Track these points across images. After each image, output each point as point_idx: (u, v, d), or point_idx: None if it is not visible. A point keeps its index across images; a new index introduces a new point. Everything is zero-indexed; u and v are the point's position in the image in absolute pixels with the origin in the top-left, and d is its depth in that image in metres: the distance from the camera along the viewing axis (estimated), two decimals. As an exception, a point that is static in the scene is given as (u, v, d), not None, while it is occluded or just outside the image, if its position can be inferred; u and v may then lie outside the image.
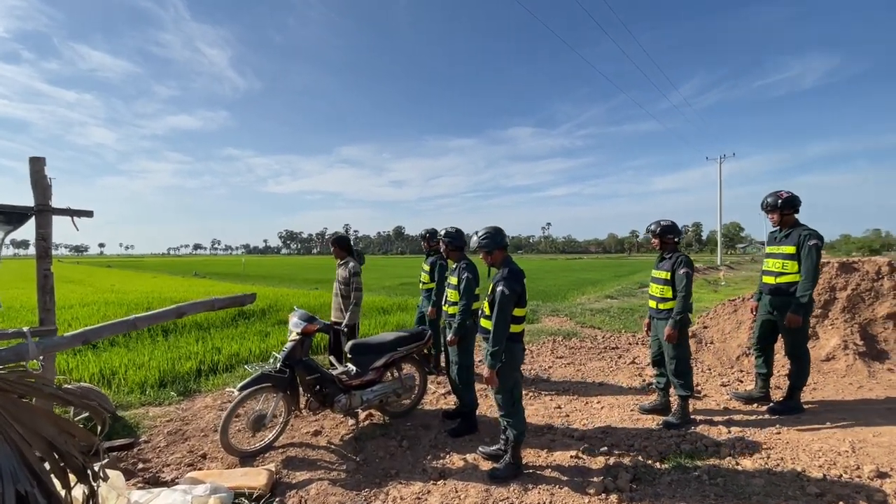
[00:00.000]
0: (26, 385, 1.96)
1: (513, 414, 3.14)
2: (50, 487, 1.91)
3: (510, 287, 3.00)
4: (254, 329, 7.83)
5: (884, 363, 4.91)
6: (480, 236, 3.26)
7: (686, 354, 3.88)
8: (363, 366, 3.98)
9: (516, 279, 3.06)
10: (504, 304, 2.98)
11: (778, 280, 3.98)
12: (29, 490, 1.82)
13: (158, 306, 10.46)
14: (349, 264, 4.92)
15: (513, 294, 2.99)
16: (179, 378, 5.27)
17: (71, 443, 2.07)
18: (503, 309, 2.98)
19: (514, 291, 3.00)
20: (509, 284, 3.00)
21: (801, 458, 3.17)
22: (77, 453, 2.05)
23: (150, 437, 3.86)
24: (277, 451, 3.62)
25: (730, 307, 6.26)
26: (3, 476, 1.78)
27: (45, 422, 1.98)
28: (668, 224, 3.99)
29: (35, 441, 1.92)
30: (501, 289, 3.00)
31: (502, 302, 2.98)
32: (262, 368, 3.60)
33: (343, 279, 4.93)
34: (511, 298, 2.99)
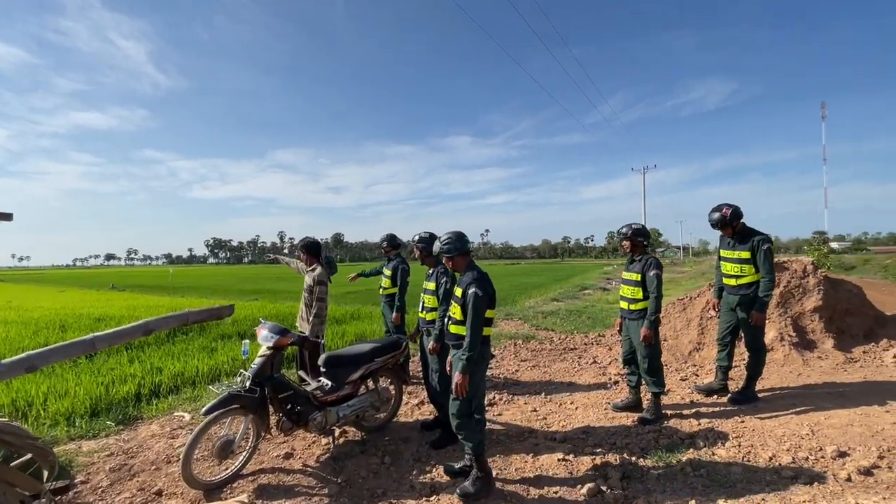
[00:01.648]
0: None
1: (465, 425, 2.97)
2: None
3: (483, 289, 2.94)
4: (195, 345, 7.12)
5: (813, 352, 5.48)
6: (443, 241, 3.21)
7: (658, 353, 4.05)
8: (338, 380, 3.73)
9: (487, 280, 3.03)
10: (478, 307, 2.90)
11: (738, 282, 4.29)
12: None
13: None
14: (315, 271, 4.63)
15: (486, 295, 2.94)
16: (115, 405, 4.62)
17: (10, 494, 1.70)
18: (478, 311, 2.90)
19: (486, 293, 2.95)
20: (482, 286, 2.95)
21: (769, 443, 3.40)
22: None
23: (88, 477, 3.33)
24: (247, 479, 3.27)
25: (679, 306, 6.69)
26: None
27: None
28: (639, 227, 4.16)
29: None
30: (474, 290, 2.92)
31: (476, 304, 2.90)
32: (230, 388, 3.24)
33: (308, 287, 4.64)
34: (484, 300, 2.93)
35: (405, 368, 4.38)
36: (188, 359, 6.14)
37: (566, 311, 12.21)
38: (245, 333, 8.14)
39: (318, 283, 4.53)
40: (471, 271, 3.10)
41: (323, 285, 4.55)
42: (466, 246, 3.18)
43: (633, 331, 4.11)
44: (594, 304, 14.28)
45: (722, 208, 4.34)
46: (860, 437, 3.33)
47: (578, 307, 13.16)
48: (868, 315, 6.13)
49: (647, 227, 4.22)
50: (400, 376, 4.29)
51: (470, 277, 3.03)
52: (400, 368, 4.28)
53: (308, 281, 4.65)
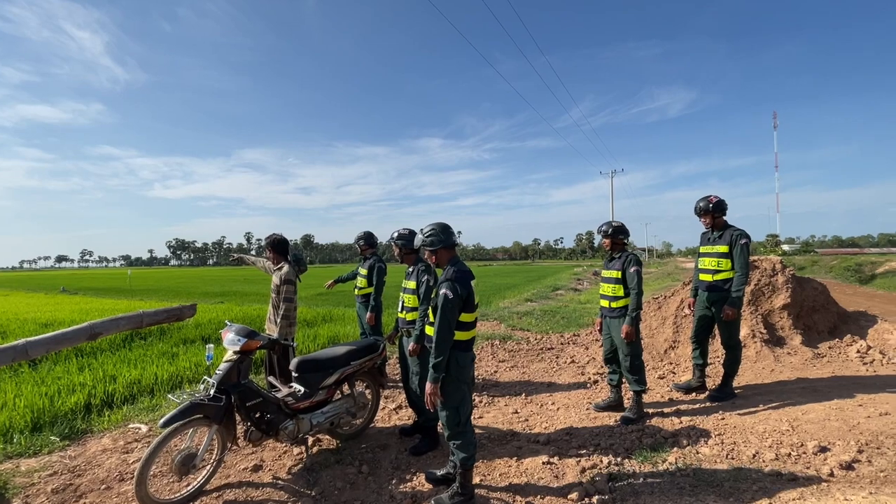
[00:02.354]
0: None
1: (459, 434, 2.79)
2: None
3: (453, 290, 2.69)
4: (154, 350, 6.66)
5: (783, 348, 5.62)
6: (425, 233, 2.95)
7: (639, 350, 4.02)
8: (312, 385, 3.50)
9: (462, 281, 2.75)
10: (447, 309, 2.66)
11: (715, 277, 4.33)
12: None
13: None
14: (283, 269, 4.38)
15: (457, 298, 2.68)
16: (61, 417, 4.20)
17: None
18: (446, 314, 2.66)
19: (457, 295, 2.69)
20: (452, 287, 2.69)
21: (751, 440, 3.41)
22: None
23: (27, 500, 2.97)
24: (211, 495, 3.00)
25: (654, 305, 6.77)
26: None
27: None
28: (619, 225, 4.13)
29: None
30: (444, 292, 2.68)
31: (445, 306, 2.66)
32: (193, 397, 2.96)
33: (275, 287, 4.38)
34: (455, 302, 2.68)
35: (382, 372, 4.18)
36: (146, 365, 5.70)
37: (541, 311, 12.26)
38: (209, 338, 7.71)
39: (284, 281, 4.28)
40: (451, 268, 2.84)
41: (290, 284, 4.30)
42: (451, 238, 2.94)
43: (615, 328, 4.06)
44: (567, 304, 14.42)
45: (709, 196, 4.41)
46: (838, 432, 3.38)
47: (552, 307, 13.24)
48: (832, 312, 6.37)
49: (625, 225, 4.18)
50: (377, 380, 4.10)
51: (445, 276, 2.80)
52: (377, 372, 4.09)
53: (275, 280, 4.39)
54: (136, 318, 1.94)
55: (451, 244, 2.95)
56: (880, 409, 3.80)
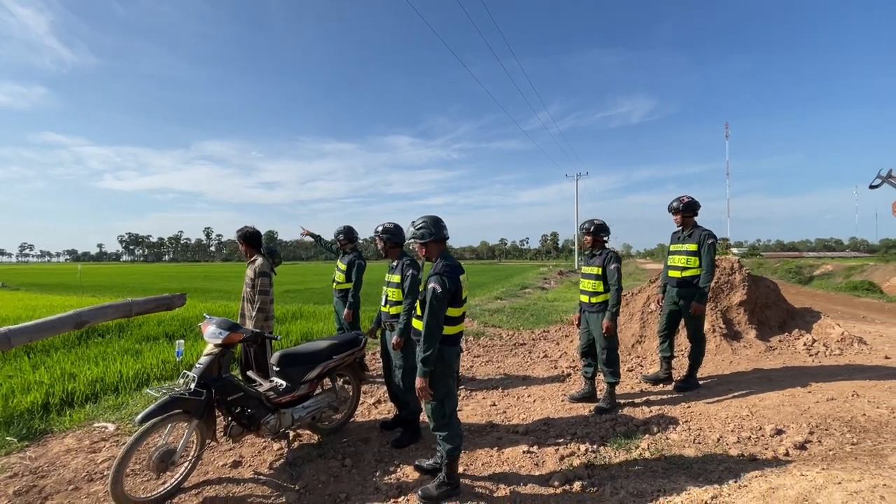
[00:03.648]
0: None
1: (445, 426, 2.85)
2: None
3: (442, 283, 2.72)
4: (115, 347, 6.31)
5: (740, 342, 6.01)
6: (417, 226, 2.96)
7: (616, 344, 4.20)
8: (294, 379, 3.46)
9: (450, 275, 2.78)
10: (435, 303, 2.70)
11: (683, 274, 4.58)
12: None
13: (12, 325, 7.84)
14: (256, 262, 4.30)
15: (445, 292, 2.72)
16: (17, 417, 3.95)
17: None
18: (434, 308, 2.68)
19: (446, 289, 2.72)
20: (441, 280, 2.72)
21: (715, 426, 3.64)
22: None
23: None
24: (189, 493, 2.92)
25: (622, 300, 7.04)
26: None
27: None
28: (601, 224, 4.29)
29: None
30: (433, 286, 2.71)
31: (433, 300, 2.70)
32: (172, 391, 2.87)
33: (249, 280, 4.29)
34: (443, 296, 2.71)
35: (363, 366, 4.18)
36: (109, 363, 5.41)
37: (511, 308, 12.48)
38: (173, 335, 7.38)
39: (259, 274, 4.23)
40: (440, 262, 2.87)
41: (265, 277, 4.24)
42: (442, 232, 2.95)
43: (594, 323, 4.22)
44: (535, 301, 14.74)
45: (681, 197, 4.68)
46: (792, 416, 3.67)
47: (522, 305, 13.50)
48: (782, 308, 6.85)
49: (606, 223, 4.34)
50: (357, 374, 4.09)
51: (434, 270, 2.83)
52: (358, 366, 4.08)
53: (249, 273, 4.30)
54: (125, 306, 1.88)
55: (442, 237, 2.96)
56: (826, 395, 4.15)
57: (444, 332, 2.80)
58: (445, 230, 2.99)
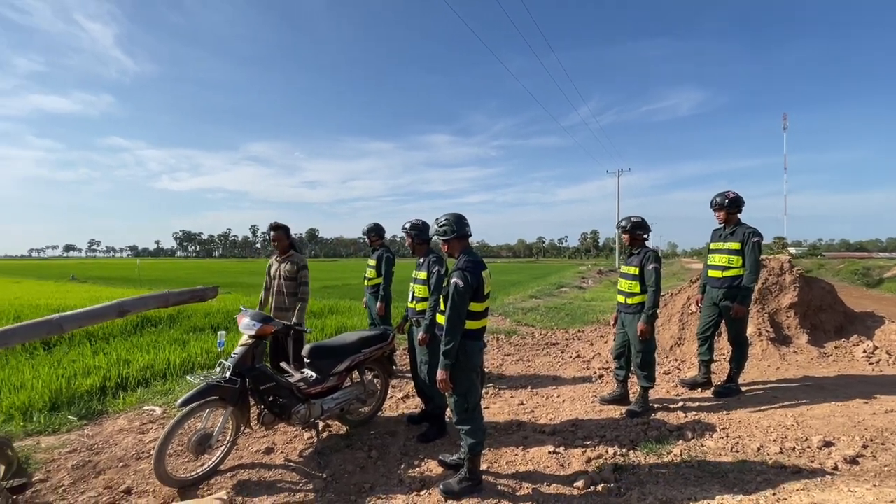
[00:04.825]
0: None
1: (467, 420, 2.86)
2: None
3: (464, 279, 2.75)
4: (166, 337, 6.77)
5: (789, 347, 5.64)
6: (440, 223, 3.01)
7: (653, 348, 4.04)
8: (323, 371, 3.57)
9: (473, 270, 2.79)
10: (457, 298, 2.74)
11: (725, 274, 4.34)
12: None
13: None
14: (294, 256, 4.47)
15: (467, 287, 2.74)
16: (78, 398, 4.31)
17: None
18: (455, 303, 2.72)
19: (468, 284, 2.75)
20: (463, 276, 2.75)
21: (756, 434, 3.44)
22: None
23: (48, 475, 3.07)
24: (225, 475, 3.08)
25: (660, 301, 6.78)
26: None
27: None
28: (638, 221, 4.13)
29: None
30: (455, 280, 2.75)
31: (455, 295, 2.74)
32: (209, 379, 3.04)
33: (289, 274, 4.43)
34: (465, 291, 2.74)
35: (392, 361, 4.25)
36: (159, 351, 5.81)
37: (545, 307, 12.30)
38: (218, 326, 7.82)
39: (303, 267, 4.44)
40: (463, 257, 2.91)
41: (307, 269, 4.45)
42: (465, 229, 2.98)
43: (630, 325, 4.08)
44: (572, 301, 14.44)
45: (727, 192, 4.41)
46: (843, 428, 3.41)
47: (557, 304, 13.28)
48: (839, 312, 6.36)
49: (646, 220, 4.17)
50: (386, 369, 4.16)
51: (456, 265, 2.86)
52: (386, 361, 4.15)
53: (288, 267, 4.44)
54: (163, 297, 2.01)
55: (465, 234, 2.99)
56: (886, 406, 3.82)
57: (467, 326, 2.83)
58: (468, 227, 3.03)
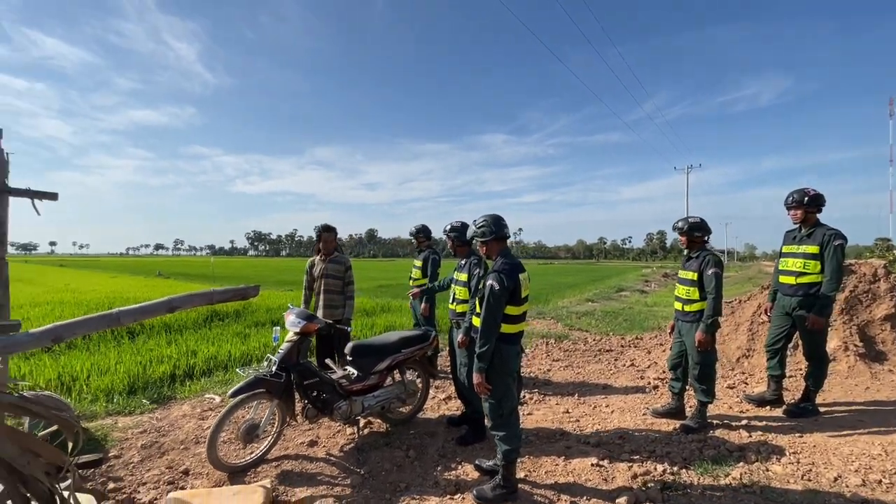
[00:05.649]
0: (-20, 393, 1.56)
1: (502, 426, 2.79)
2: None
3: (500, 281, 2.68)
4: (230, 331, 7.29)
5: (884, 364, 4.95)
6: (478, 225, 2.97)
7: (712, 360, 3.72)
8: (365, 369, 3.65)
9: (510, 273, 2.73)
10: (492, 300, 2.68)
11: (799, 280, 3.90)
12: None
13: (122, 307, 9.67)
14: (340, 257, 4.63)
15: (503, 289, 2.68)
16: (151, 384, 4.76)
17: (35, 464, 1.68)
18: (491, 305, 2.67)
19: (504, 287, 2.68)
20: (499, 278, 2.69)
21: (833, 462, 3.06)
22: (42, 476, 1.67)
23: (121, 452, 3.40)
24: (271, 464, 3.24)
25: (727, 309, 6.25)
26: (-52, 511, 1.39)
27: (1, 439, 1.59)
28: (697, 221, 3.82)
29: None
30: (491, 283, 2.70)
31: (490, 297, 2.68)
32: (256, 372, 3.22)
33: (336, 273, 4.59)
34: (501, 294, 2.67)
35: (433, 362, 4.26)
36: (222, 343, 6.27)
37: (602, 312, 11.79)
38: (278, 321, 8.28)
39: (349, 267, 4.63)
40: (500, 259, 2.86)
41: (352, 268, 4.63)
42: (503, 231, 2.94)
43: (687, 334, 3.79)
44: (632, 306, 13.73)
45: (806, 189, 3.93)
46: (945, 461, 2.93)
47: (615, 308, 12.69)
48: (947, 326, 5.49)
49: (706, 220, 3.86)
50: (427, 369, 4.18)
51: (493, 267, 2.82)
52: (428, 361, 4.17)
53: (336, 266, 4.61)
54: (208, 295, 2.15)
55: (503, 236, 2.94)
56: None
57: (503, 330, 2.77)
58: (506, 229, 2.98)
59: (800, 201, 3.91)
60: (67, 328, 1.82)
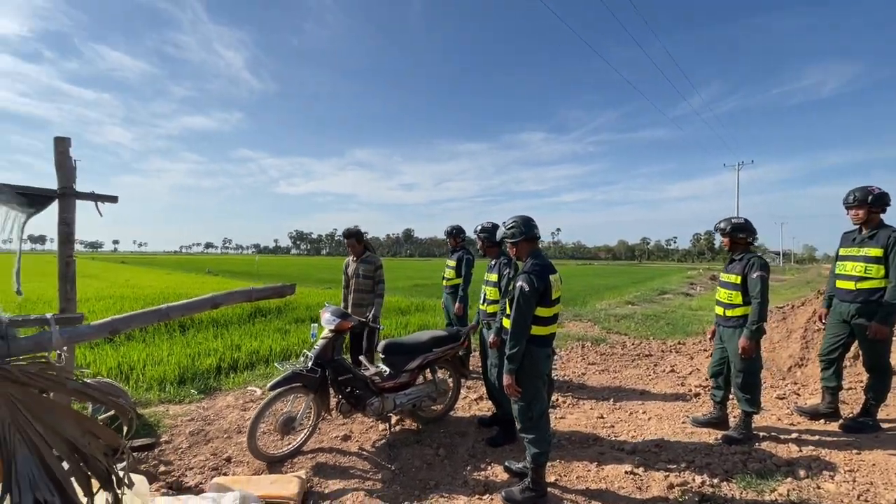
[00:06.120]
0: (48, 379, 1.73)
1: (531, 429, 2.77)
2: (71, 496, 1.68)
3: (530, 282, 2.67)
4: (272, 326, 7.62)
5: (957, 379, 4.51)
6: (507, 226, 2.99)
7: (757, 368, 3.52)
8: (397, 367, 3.72)
9: (540, 274, 2.72)
10: (522, 301, 2.67)
11: (859, 286, 3.62)
12: (49, 499, 1.59)
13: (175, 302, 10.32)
14: (371, 257, 4.72)
15: (533, 291, 2.66)
16: (199, 375, 5.05)
17: (94, 445, 1.83)
18: (520, 307, 2.67)
19: (534, 288, 2.67)
20: (529, 279, 2.68)
21: (894, 482, 2.83)
22: (101, 456, 1.82)
23: (172, 438, 3.64)
24: (306, 456, 3.37)
25: (777, 315, 5.90)
26: (22, 483, 1.54)
27: (66, 420, 1.75)
28: (740, 222, 3.64)
29: (56, 442, 1.69)
30: (520, 284, 2.69)
31: (520, 299, 2.67)
32: (293, 367, 3.35)
33: (367, 273, 4.70)
34: (531, 295, 2.66)
35: (464, 362, 4.28)
36: (264, 338, 6.57)
37: (642, 315, 11.39)
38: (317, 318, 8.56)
39: (378, 267, 4.70)
40: (530, 261, 2.85)
41: (382, 268, 4.70)
42: (533, 231, 2.93)
43: (729, 340, 3.61)
44: (675, 309, 13.18)
45: (870, 187, 3.64)
46: None
47: (657, 312, 12.21)
48: None
49: (751, 221, 3.66)
50: (459, 369, 4.20)
51: (523, 269, 2.83)
52: (459, 361, 4.19)
53: (365, 267, 4.71)
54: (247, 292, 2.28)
55: (532, 237, 2.93)
56: None
57: (533, 332, 2.76)
58: (536, 230, 2.97)
59: (862, 200, 3.62)
60: (123, 321, 1.98)
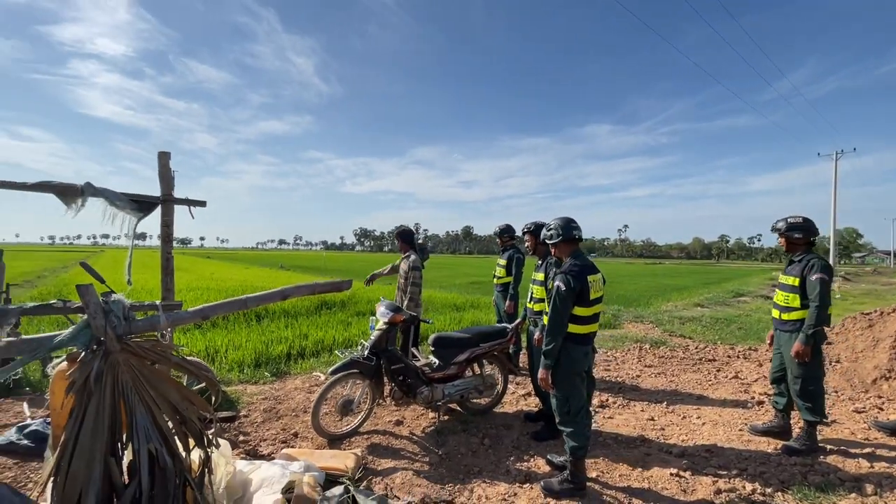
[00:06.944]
0: (157, 353, 2.13)
1: (569, 423, 2.87)
2: (174, 448, 2.06)
3: (566, 282, 2.77)
4: (336, 318, 8.20)
5: None
6: (548, 227, 3.12)
7: (817, 374, 3.33)
8: (445, 359, 3.94)
9: (577, 275, 2.81)
10: (558, 301, 2.78)
11: None
12: (158, 448, 1.97)
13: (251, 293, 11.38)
14: (410, 257, 4.91)
15: (569, 290, 2.76)
16: (272, 360, 5.63)
17: (190, 409, 2.21)
18: (557, 306, 2.79)
19: (570, 288, 2.76)
20: (566, 279, 2.78)
21: (978, 507, 2.59)
22: (196, 420, 2.20)
23: (249, 413, 4.13)
24: (362, 436, 3.69)
25: (863, 321, 5.39)
26: (139, 434, 1.94)
27: (170, 388, 2.14)
28: (798, 221, 3.45)
29: (163, 405, 2.08)
30: (558, 283, 2.81)
31: (556, 298, 2.79)
32: (352, 355, 3.69)
33: (403, 272, 4.93)
34: (567, 295, 2.76)
35: (511, 358, 4.41)
36: (329, 329, 7.12)
37: (711, 318, 10.75)
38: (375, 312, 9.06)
39: (413, 268, 4.83)
40: (570, 261, 2.96)
41: (417, 271, 4.83)
42: (573, 233, 3.03)
43: (785, 344, 3.45)
44: (750, 313, 12.25)
45: None
46: None
47: (728, 315, 11.45)
48: None
49: (811, 220, 3.46)
50: (506, 365, 4.33)
51: (561, 268, 2.93)
52: (507, 357, 4.32)
53: (403, 266, 4.95)
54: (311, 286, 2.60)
55: (571, 238, 3.03)
56: None
57: (571, 330, 2.87)
58: (576, 231, 3.06)
59: None
60: (211, 309, 2.37)
